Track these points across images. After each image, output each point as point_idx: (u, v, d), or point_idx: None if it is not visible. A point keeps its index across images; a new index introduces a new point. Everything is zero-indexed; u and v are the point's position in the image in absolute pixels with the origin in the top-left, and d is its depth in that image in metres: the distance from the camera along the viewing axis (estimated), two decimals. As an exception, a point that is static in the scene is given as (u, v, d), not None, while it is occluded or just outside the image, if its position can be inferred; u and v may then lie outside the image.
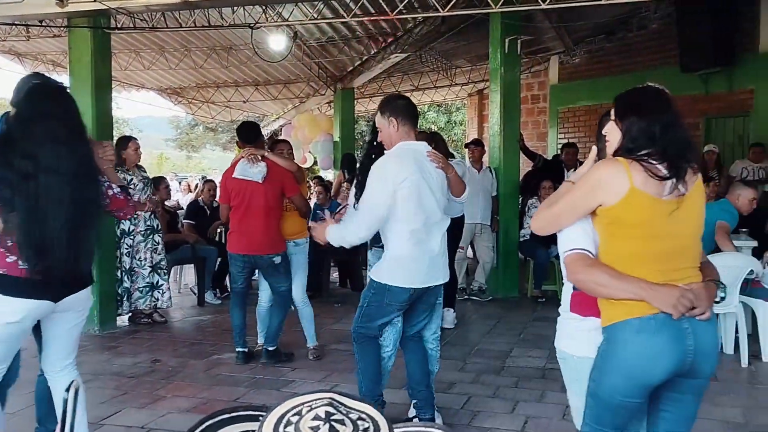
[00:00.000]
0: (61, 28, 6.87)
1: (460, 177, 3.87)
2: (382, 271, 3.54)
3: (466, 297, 7.74)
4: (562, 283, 2.47)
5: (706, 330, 2.14)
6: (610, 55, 11.36)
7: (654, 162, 2.15)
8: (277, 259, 5.07)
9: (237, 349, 5.29)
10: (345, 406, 0.94)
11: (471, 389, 4.57)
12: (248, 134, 5.29)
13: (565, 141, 11.52)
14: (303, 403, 0.94)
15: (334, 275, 8.92)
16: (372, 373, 3.70)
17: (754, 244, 6.46)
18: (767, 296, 5.21)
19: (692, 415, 2.30)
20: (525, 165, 8.80)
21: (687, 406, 2.27)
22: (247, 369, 5.08)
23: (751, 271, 5.01)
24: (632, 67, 10.97)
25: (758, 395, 4.47)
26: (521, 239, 7.82)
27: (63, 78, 9.90)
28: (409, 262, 3.48)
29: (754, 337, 5.36)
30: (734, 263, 4.96)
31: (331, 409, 0.92)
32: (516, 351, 5.53)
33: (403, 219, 3.43)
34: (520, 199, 8.33)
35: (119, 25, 6.87)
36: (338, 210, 8.46)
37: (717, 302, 2.18)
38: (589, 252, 2.23)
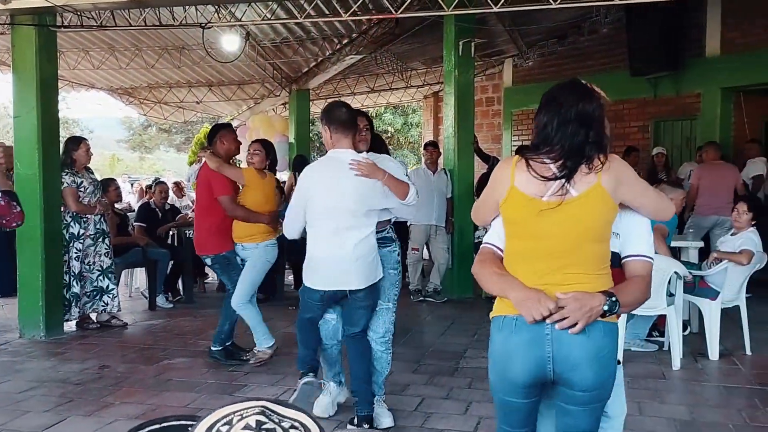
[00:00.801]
0: (4, 26, 6.65)
1: (401, 178, 3.87)
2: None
3: (421, 298, 7.76)
4: None
5: (572, 341, 2.04)
6: (562, 58, 11.53)
7: (548, 161, 2.12)
8: (208, 261, 5.19)
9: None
10: (277, 414, 0.91)
11: (424, 391, 4.56)
12: (208, 137, 5.36)
13: (519, 143, 11.68)
14: (234, 412, 0.91)
15: (289, 278, 8.85)
16: (309, 341, 3.97)
17: (701, 244, 6.64)
18: (713, 295, 5.34)
19: (581, 428, 2.19)
20: (479, 167, 8.86)
21: (574, 417, 2.17)
22: (199, 374, 4.99)
23: (677, 273, 5.07)
24: (583, 71, 11.13)
25: (704, 392, 4.57)
26: (476, 240, 7.86)
27: (7, 77, 9.65)
28: (317, 263, 3.72)
29: (701, 335, 5.49)
30: (657, 265, 5.02)
31: (262, 418, 0.89)
32: (470, 352, 5.55)
33: (312, 223, 3.69)
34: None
35: (66, 23, 6.69)
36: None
37: (603, 315, 2.06)
38: (494, 246, 2.27)
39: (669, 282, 5.04)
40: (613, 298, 2.06)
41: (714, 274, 5.36)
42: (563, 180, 2.07)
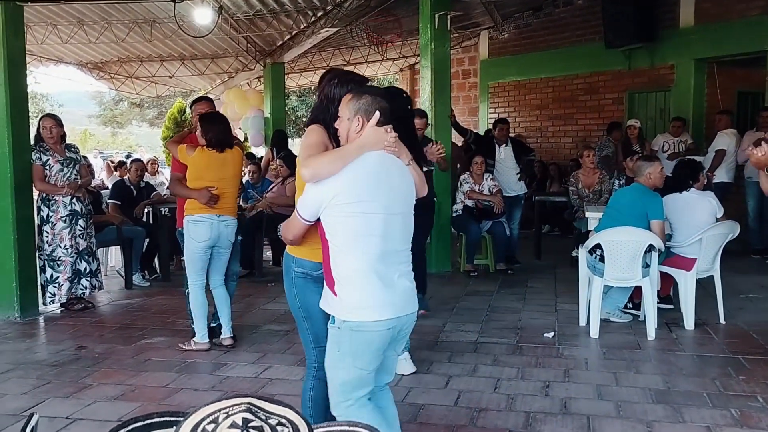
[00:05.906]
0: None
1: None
2: None
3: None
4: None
5: None
6: (537, 30, 11.51)
7: None
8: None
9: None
10: (264, 411, 0.90)
11: (405, 366, 4.58)
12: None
13: (496, 115, 11.67)
14: (220, 410, 0.89)
15: (268, 254, 8.81)
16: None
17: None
18: (689, 266, 5.41)
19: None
20: (457, 141, 8.85)
21: None
22: (178, 353, 4.96)
23: (651, 245, 5.10)
24: (559, 43, 11.15)
25: (678, 362, 4.64)
26: (453, 214, 7.88)
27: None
28: None
29: (676, 306, 5.56)
30: (633, 238, 5.07)
31: (249, 416, 0.88)
32: (449, 326, 5.58)
33: None
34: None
35: (32, -3, 6.51)
36: (269, 188, 8.37)
37: None
38: None
39: (645, 253, 5.10)
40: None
41: (688, 246, 5.43)
42: None
